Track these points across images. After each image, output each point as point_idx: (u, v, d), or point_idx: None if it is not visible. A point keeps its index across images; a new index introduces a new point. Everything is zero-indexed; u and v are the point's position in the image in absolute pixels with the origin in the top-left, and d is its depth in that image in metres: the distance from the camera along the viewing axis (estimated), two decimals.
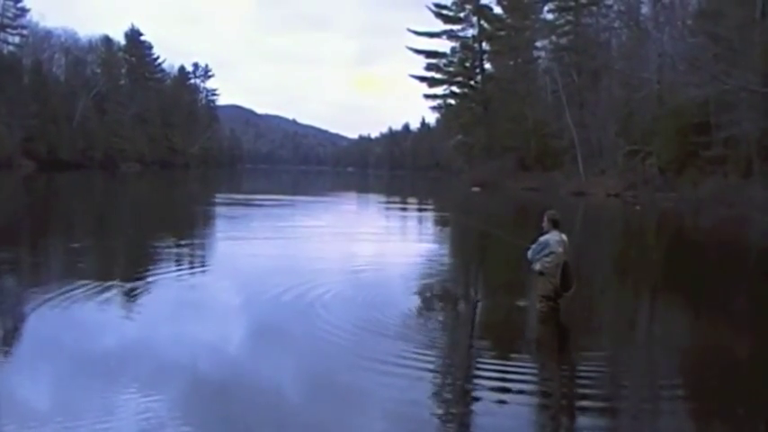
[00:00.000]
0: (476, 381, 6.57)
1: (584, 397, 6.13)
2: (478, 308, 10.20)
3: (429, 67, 73.00)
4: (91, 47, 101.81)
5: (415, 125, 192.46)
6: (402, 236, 23.33)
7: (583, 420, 5.76)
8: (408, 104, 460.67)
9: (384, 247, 18.44)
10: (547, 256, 8.93)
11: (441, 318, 9.39)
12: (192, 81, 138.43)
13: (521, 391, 6.17)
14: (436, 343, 7.73)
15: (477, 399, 6.07)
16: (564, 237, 9.14)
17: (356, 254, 16.31)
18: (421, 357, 6.96)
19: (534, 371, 7.06)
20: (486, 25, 72.10)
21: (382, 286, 11.72)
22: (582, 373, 6.93)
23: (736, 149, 41.38)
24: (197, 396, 5.92)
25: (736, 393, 6.43)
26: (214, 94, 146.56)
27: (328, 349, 7.32)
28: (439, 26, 72.02)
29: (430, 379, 6.42)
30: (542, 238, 9.05)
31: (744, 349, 8.25)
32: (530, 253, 9.05)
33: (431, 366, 6.77)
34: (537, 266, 9.02)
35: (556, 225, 9.18)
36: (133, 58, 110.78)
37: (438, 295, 10.98)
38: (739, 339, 8.73)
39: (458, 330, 8.84)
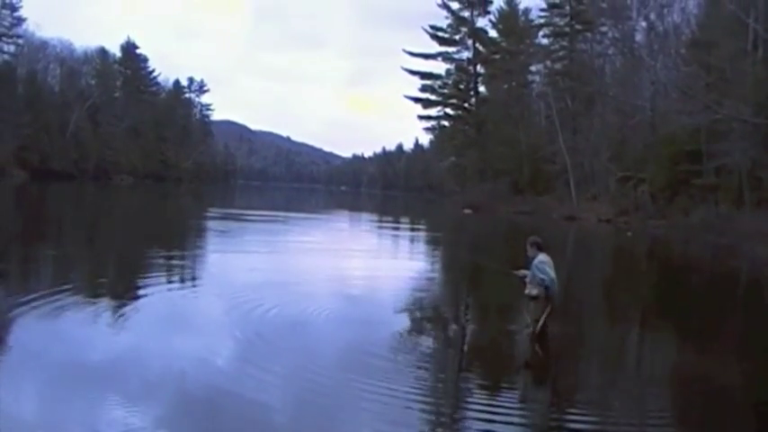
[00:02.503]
0: (463, 411, 6.43)
1: (573, 430, 6.03)
2: (467, 330, 10.10)
3: (423, 89, 73.42)
4: (86, 58, 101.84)
5: (408, 146, 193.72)
6: (392, 255, 23.22)
7: None
8: (402, 125, 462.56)
9: (374, 266, 18.32)
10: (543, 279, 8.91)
11: (430, 341, 9.26)
12: (187, 95, 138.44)
13: (508, 422, 6.05)
14: (424, 370, 7.57)
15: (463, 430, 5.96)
16: (549, 258, 9.15)
17: (346, 271, 16.24)
18: (409, 384, 6.85)
19: (522, 401, 6.94)
20: (481, 48, 72.62)
21: (372, 305, 11.64)
22: (570, 404, 6.83)
23: (728, 178, 41.65)
24: (183, 410, 5.83)
25: (724, 425, 6.36)
26: (208, 109, 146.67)
27: (314, 369, 7.21)
28: (434, 48, 72.57)
29: (417, 407, 6.29)
30: (538, 260, 9.01)
31: (732, 380, 8.18)
32: (546, 279, 8.93)
33: (418, 394, 6.63)
34: (534, 291, 8.97)
35: (540, 248, 9.19)
36: (128, 71, 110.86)
37: (428, 316, 10.89)
38: (727, 370, 8.67)
39: (446, 355, 8.74)
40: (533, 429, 6.09)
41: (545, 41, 68.15)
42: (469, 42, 72.43)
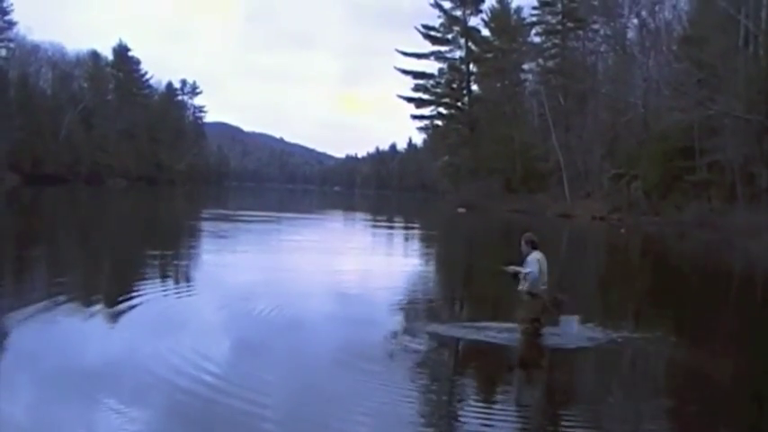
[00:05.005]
0: (457, 413, 6.40)
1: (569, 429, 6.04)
2: (463, 329, 10.05)
3: (416, 88, 73.44)
4: (78, 61, 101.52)
5: (402, 145, 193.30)
6: (387, 254, 23.21)
7: None
8: (395, 125, 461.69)
9: (368, 265, 18.30)
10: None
11: (423, 342, 9.18)
12: (180, 97, 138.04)
13: (504, 423, 6.04)
14: (418, 371, 7.53)
15: None
16: (543, 256, 9.18)
17: (340, 271, 16.21)
18: (403, 386, 6.83)
19: (518, 402, 6.93)
20: (473, 47, 72.65)
21: (366, 305, 11.63)
22: (565, 403, 6.83)
23: (720, 174, 41.81)
24: (177, 413, 5.80)
25: (720, 420, 6.37)
26: (201, 111, 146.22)
27: (308, 372, 7.19)
28: (427, 47, 72.60)
29: (411, 409, 6.27)
30: (531, 258, 9.02)
31: (727, 374, 8.20)
32: (534, 276, 8.95)
33: (411, 398, 6.58)
34: (526, 287, 9.00)
35: (534, 246, 9.22)
36: (121, 74, 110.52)
37: (421, 315, 10.86)
38: (722, 364, 8.69)
39: (441, 356, 8.72)
40: (529, 430, 6.08)
41: (537, 39, 68.29)
42: (462, 41, 72.48)
